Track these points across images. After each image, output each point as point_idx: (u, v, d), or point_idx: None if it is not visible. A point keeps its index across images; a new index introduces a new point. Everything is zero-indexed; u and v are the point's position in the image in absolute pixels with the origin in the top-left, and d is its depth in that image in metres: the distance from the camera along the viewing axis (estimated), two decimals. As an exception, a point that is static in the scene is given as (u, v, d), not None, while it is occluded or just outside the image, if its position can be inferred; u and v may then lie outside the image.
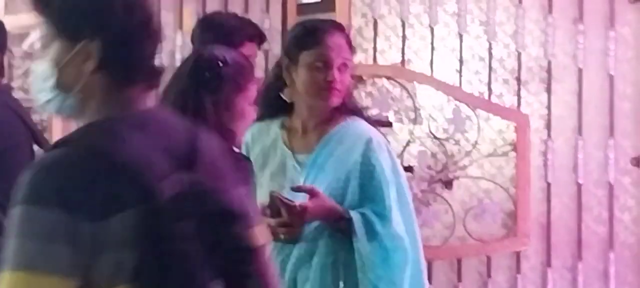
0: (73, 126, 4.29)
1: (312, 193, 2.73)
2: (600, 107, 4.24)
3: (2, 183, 2.90)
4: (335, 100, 2.80)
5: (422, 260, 2.88)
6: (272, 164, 2.88)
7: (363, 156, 2.80)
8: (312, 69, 2.78)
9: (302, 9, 4.59)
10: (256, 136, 2.93)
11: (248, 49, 3.34)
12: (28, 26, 4.63)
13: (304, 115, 2.87)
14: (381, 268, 2.72)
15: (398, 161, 2.95)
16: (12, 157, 3.23)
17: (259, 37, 3.46)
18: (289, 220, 2.70)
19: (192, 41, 3.51)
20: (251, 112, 2.64)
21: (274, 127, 2.92)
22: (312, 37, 2.80)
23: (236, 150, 2.62)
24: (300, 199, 2.74)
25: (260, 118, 2.89)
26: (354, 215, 2.75)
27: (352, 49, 2.86)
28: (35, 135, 3.43)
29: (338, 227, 2.76)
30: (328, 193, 2.77)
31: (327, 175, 2.80)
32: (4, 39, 3.42)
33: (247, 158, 2.75)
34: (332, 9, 4.45)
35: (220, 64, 2.54)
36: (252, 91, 2.62)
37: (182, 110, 2.50)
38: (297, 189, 2.74)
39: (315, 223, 2.77)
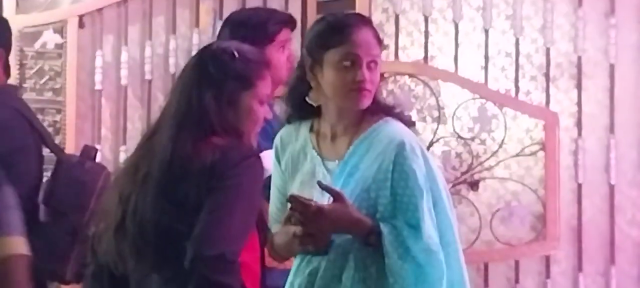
0: (87, 126, 4.12)
1: (336, 198, 2.55)
2: (633, 104, 4.14)
3: (10, 185, 2.83)
4: (366, 102, 2.62)
5: (462, 270, 2.68)
6: (303, 171, 2.71)
7: (395, 163, 2.60)
8: (339, 68, 2.60)
9: (322, 5, 4.49)
10: (286, 140, 2.76)
11: (284, 34, 3.26)
12: (40, 25, 4.55)
13: (333, 118, 2.68)
14: (415, 286, 2.55)
15: (435, 165, 2.73)
16: (18, 160, 3.13)
17: (290, 21, 3.35)
18: (304, 222, 2.53)
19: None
20: (261, 111, 2.50)
21: (303, 130, 2.74)
22: (338, 33, 2.61)
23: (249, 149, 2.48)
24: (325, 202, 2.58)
25: (288, 120, 2.75)
26: (384, 229, 2.55)
27: (381, 43, 2.67)
28: (44, 137, 3.32)
29: (367, 242, 2.57)
30: (357, 205, 2.58)
31: (356, 184, 2.61)
32: (8, 38, 3.32)
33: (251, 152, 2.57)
34: (352, 5, 4.34)
35: (227, 58, 2.41)
36: (263, 89, 2.49)
37: (187, 107, 2.39)
38: (325, 189, 2.56)
39: (345, 236, 2.60)
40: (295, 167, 2.71)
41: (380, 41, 2.67)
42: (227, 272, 2.28)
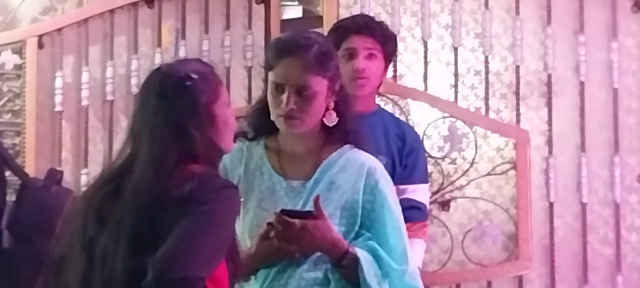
0: (47, 148, 4.02)
1: (318, 216, 2.54)
2: (604, 122, 4.13)
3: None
4: (293, 129, 2.62)
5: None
6: (260, 188, 2.68)
7: (366, 185, 2.63)
8: (271, 91, 2.63)
9: (285, 24, 4.43)
10: (236, 160, 2.72)
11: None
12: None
13: (292, 139, 2.68)
14: None
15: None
16: None
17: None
18: (288, 239, 2.53)
19: None
20: (231, 115, 2.43)
21: (257, 149, 2.73)
22: (273, 57, 2.64)
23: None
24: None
25: (245, 136, 2.73)
26: (361, 254, 2.56)
27: (322, 70, 2.61)
28: (7, 160, 3.22)
29: (341, 265, 2.57)
30: (336, 223, 2.59)
31: (329, 204, 2.60)
32: None
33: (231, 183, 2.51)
34: (320, 23, 4.28)
35: (190, 82, 2.33)
36: (225, 93, 2.43)
37: (178, 147, 2.29)
38: (316, 208, 2.54)
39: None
40: (250, 185, 2.68)
41: (320, 67, 2.61)
42: None
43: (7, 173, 3.32)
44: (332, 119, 2.64)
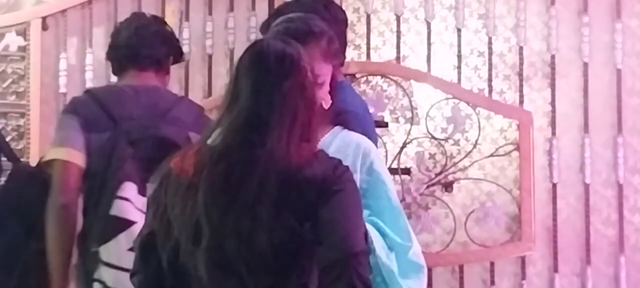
0: (52, 130, 4.01)
1: None
2: (607, 102, 4.12)
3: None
4: None
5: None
6: None
7: (362, 165, 2.64)
8: None
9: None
10: None
11: None
12: (2, 27, 4.45)
13: None
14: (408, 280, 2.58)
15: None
16: None
17: None
18: None
19: None
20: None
21: None
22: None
23: None
24: None
25: None
26: (368, 227, 2.54)
27: (328, 57, 2.62)
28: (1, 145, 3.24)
29: None
30: None
31: None
32: None
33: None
34: (322, 5, 4.27)
35: (300, 59, 2.30)
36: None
37: (290, 118, 2.25)
38: None
39: None
40: None
41: (330, 56, 2.63)
42: (368, 266, 2.24)
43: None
44: (328, 101, 2.64)
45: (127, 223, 2.95)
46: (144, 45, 3.21)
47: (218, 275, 2.22)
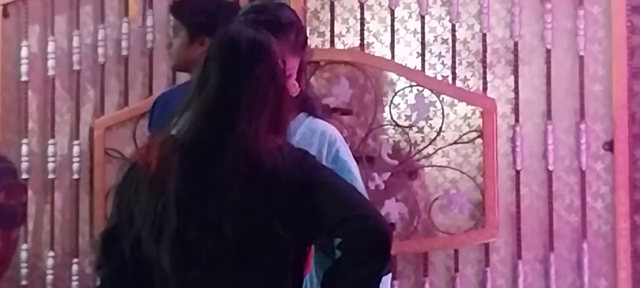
0: (13, 119, 3.94)
1: None
2: (570, 89, 4.11)
3: None
4: None
5: None
6: None
7: (327, 154, 2.65)
8: None
9: (255, -8, 4.38)
10: None
11: None
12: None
13: None
14: None
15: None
16: None
17: None
18: None
19: None
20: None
21: None
22: None
23: None
24: None
25: None
26: None
27: (297, 49, 2.63)
28: None
29: None
30: None
31: None
32: None
33: None
34: (289, -8, 4.25)
35: (272, 45, 2.30)
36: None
37: (259, 104, 2.23)
38: None
39: None
40: None
41: (298, 48, 2.66)
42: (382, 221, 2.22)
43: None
44: (295, 90, 2.63)
45: None
46: None
47: (180, 268, 2.19)
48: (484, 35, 4.17)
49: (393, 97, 4.17)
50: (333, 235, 2.20)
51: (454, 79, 4.17)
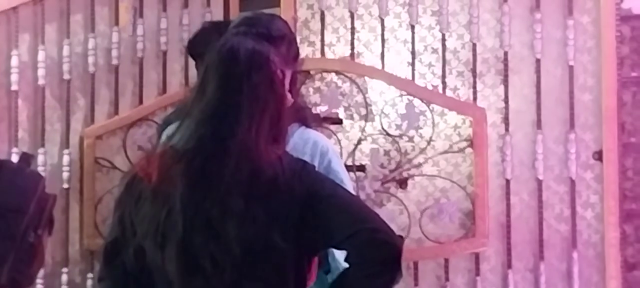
0: (3, 128, 3.94)
1: None
2: (559, 99, 4.11)
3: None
4: None
5: None
6: None
7: (319, 164, 2.65)
8: None
9: (244, 2, 4.39)
10: None
11: None
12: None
13: None
14: None
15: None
16: None
17: None
18: None
19: None
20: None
21: None
22: None
23: None
24: None
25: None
26: None
27: (289, 61, 2.62)
28: None
29: None
30: None
31: None
32: None
33: None
34: (277, 2, 4.26)
35: (272, 57, 2.33)
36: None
37: (260, 114, 2.25)
38: None
39: None
40: None
41: (289, 60, 2.66)
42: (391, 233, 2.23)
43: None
44: (289, 100, 2.63)
45: None
46: None
47: (186, 274, 2.20)
48: (474, 44, 4.18)
49: (383, 107, 4.17)
50: (341, 247, 2.21)
51: (444, 88, 4.18)
